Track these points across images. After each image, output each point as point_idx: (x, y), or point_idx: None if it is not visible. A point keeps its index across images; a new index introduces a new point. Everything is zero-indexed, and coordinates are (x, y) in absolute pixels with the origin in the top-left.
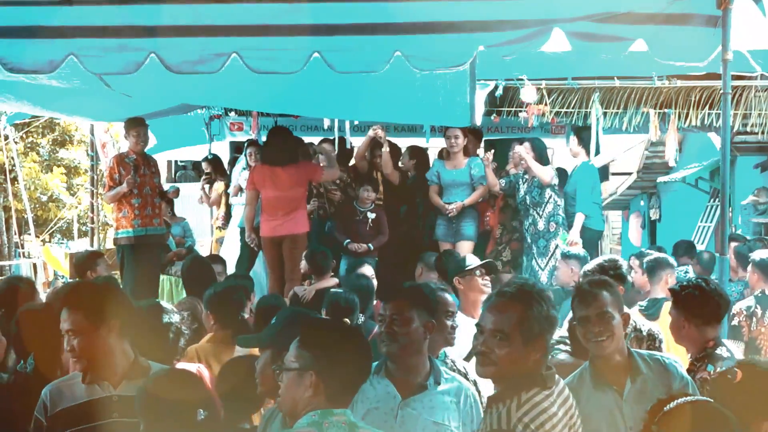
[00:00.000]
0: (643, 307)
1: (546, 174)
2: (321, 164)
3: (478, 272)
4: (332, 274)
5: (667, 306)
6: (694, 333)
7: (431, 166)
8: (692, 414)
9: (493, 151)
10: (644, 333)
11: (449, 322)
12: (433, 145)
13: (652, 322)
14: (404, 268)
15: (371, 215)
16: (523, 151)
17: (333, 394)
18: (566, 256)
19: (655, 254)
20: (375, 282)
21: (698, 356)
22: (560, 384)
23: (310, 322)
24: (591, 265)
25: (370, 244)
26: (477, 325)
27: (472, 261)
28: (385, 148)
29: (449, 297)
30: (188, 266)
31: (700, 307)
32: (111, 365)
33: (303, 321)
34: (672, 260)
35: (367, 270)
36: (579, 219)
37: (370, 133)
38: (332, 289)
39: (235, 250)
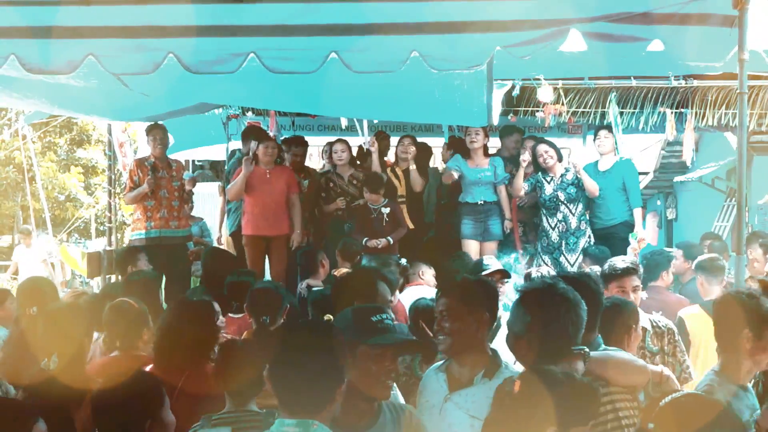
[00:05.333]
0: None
1: (595, 188)
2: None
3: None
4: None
5: None
6: None
7: (452, 159)
8: (685, 407)
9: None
10: (663, 328)
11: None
12: (436, 144)
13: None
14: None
15: (385, 210)
16: (579, 163)
17: (288, 401)
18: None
19: (713, 255)
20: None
21: None
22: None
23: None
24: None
25: (389, 238)
26: None
27: (491, 264)
28: (412, 166)
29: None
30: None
31: None
32: None
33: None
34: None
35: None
36: (639, 214)
37: (373, 148)
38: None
39: None
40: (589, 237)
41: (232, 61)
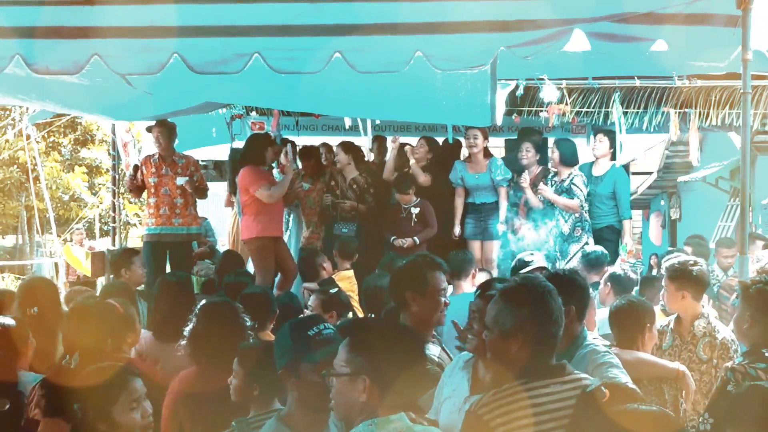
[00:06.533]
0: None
1: (574, 206)
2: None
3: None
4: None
5: None
6: (755, 331)
7: (453, 170)
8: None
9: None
10: (717, 341)
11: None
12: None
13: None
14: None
15: (415, 210)
16: (547, 192)
17: (389, 399)
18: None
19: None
20: None
21: (747, 351)
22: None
23: (360, 323)
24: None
25: (415, 238)
26: None
27: (534, 260)
28: (413, 161)
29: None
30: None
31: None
32: None
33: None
34: None
35: None
36: (628, 225)
37: (394, 145)
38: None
39: None
40: (585, 244)
41: (237, 61)
